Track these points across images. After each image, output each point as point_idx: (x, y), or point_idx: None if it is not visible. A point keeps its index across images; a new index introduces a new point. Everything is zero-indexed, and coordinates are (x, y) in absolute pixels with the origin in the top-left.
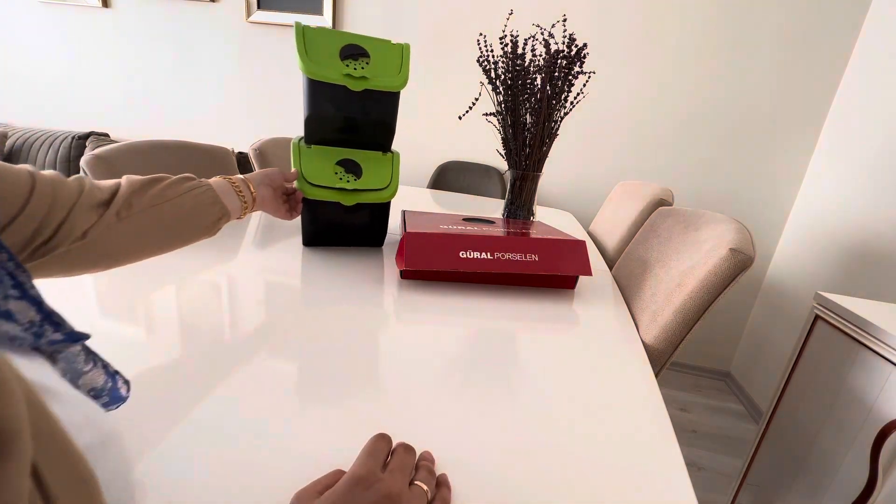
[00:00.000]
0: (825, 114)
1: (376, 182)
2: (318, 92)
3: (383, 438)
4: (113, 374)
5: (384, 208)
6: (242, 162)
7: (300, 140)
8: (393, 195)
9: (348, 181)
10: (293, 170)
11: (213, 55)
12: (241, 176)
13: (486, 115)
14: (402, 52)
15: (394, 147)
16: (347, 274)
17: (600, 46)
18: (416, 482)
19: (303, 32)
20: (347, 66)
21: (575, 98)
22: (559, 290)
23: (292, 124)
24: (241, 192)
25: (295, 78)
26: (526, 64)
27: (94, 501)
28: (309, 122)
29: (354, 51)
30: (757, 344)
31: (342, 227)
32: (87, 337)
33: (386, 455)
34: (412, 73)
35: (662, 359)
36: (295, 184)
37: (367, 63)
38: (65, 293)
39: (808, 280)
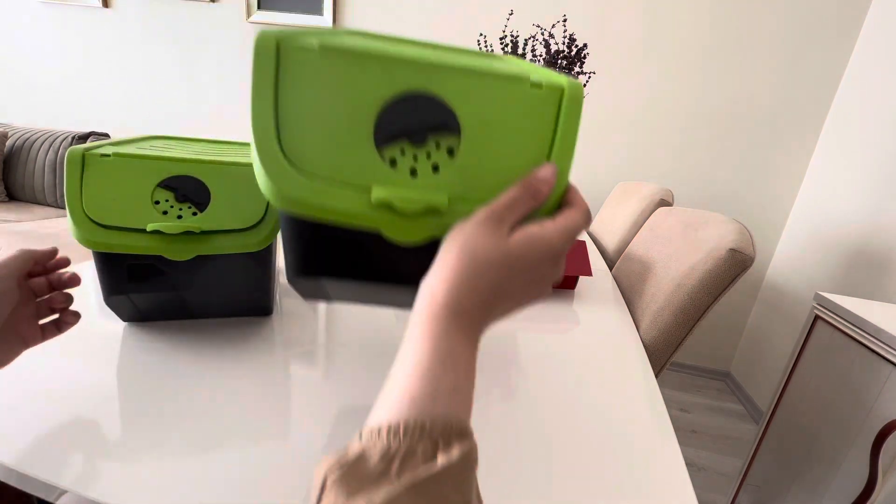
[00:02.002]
0: (825, 114)
1: (234, 217)
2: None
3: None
4: None
5: (261, 261)
6: None
7: (89, 149)
8: (270, 239)
9: (180, 215)
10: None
11: (213, 55)
12: None
13: None
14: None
15: None
16: None
17: (600, 47)
18: None
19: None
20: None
21: None
22: (559, 290)
23: None
24: None
25: None
26: None
27: None
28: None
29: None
30: (757, 344)
31: (177, 291)
32: None
33: None
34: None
35: (662, 359)
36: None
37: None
38: None
39: (807, 280)
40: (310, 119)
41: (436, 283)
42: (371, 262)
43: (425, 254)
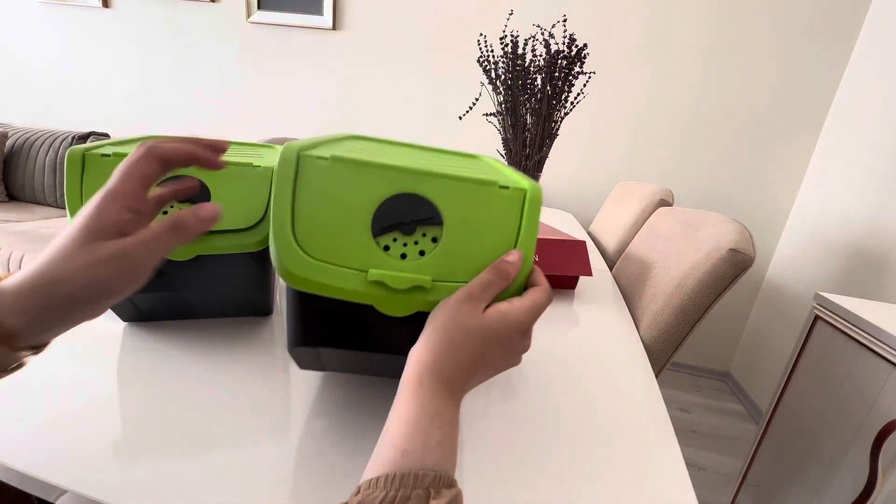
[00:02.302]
0: (825, 114)
1: (236, 217)
2: None
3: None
4: None
5: (261, 261)
6: None
7: (89, 149)
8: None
9: None
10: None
11: (213, 55)
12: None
13: (487, 115)
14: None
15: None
16: None
17: (600, 47)
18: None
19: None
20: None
21: (575, 98)
22: (559, 290)
23: (293, 125)
24: None
25: (296, 78)
26: (526, 64)
27: None
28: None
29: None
30: (757, 344)
31: (177, 291)
32: None
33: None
34: (413, 74)
35: (662, 359)
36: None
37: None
38: None
39: (807, 280)
40: (319, 213)
41: (422, 353)
42: (365, 333)
43: (412, 325)
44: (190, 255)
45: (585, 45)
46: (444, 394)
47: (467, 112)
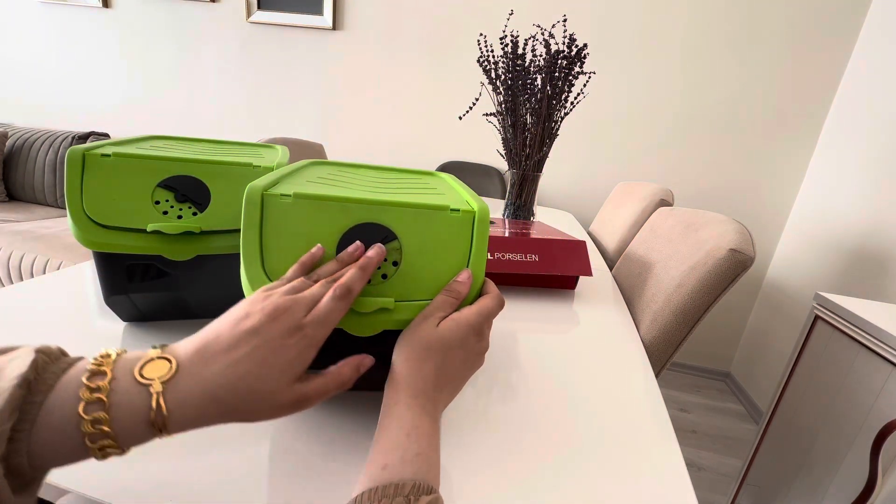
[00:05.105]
0: (825, 114)
1: (234, 217)
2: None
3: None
4: None
5: None
6: None
7: (89, 149)
8: None
9: (180, 215)
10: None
11: (213, 55)
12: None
13: (487, 115)
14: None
15: (394, 149)
16: None
17: (600, 46)
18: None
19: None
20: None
21: (575, 98)
22: (559, 290)
23: (293, 125)
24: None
25: (295, 78)
26: (526, 64)
27: None
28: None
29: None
30: (757, 344)
31: (177, 291)
32: None
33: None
34: (413, 74)
35: (662, 359)
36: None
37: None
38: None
39: (808, 280)
40: (287, 247)
41: (395, 376)
42: (336, 353)
43: (378, 342)
44: (190, 254)
45: (585, 45)
46: (418, 409)
47: (467, 112)
